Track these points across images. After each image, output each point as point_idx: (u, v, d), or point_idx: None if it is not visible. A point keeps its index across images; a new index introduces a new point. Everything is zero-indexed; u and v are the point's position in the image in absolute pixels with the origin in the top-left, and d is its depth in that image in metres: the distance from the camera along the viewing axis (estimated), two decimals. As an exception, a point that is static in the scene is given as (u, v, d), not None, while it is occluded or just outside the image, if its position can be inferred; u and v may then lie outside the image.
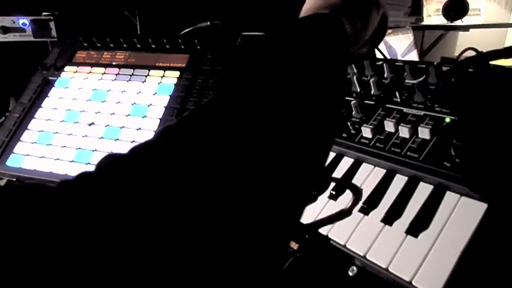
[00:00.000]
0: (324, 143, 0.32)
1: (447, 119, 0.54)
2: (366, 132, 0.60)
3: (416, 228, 0.47)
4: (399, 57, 1.57)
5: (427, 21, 1.71)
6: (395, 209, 0.51)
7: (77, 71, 0.91)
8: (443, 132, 0.53)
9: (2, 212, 0.20)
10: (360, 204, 0.53)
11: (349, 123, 0.62)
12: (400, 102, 0.60)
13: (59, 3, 1.04)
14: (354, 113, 0.64)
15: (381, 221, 0.50)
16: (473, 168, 0.48)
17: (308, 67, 0.32)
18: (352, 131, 0.62)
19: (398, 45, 1.56)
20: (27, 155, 0.78)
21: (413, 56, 1.56)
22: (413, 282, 0.43)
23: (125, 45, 0.92)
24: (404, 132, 0.56)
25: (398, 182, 0.54)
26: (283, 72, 0.31)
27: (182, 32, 1.00)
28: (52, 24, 1.01)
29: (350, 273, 0.49)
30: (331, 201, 0.56)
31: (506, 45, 0.78)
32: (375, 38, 0.50)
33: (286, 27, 0.36)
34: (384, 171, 0.56)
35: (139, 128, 0.77)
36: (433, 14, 1.69)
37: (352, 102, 0.63)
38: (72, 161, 0.76)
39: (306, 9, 0.42)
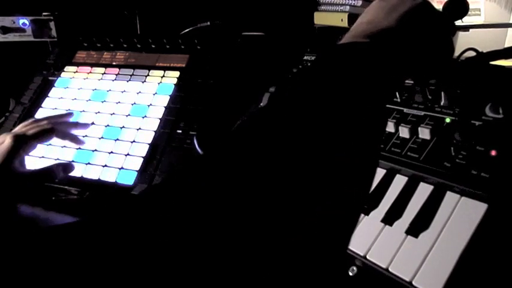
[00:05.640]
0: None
1: (447, 119, 0.54)
2: (366, 132, 0.60)
3: (416, 228, 0.47)
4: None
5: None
6: (396, 209, 0.51)
7: (77, 71, 0.91)
8: (443, 132, 0.53)
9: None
10: (360, 204, 0.53)
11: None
12: (400, 103, 0.60)
13: (59, 3, 1.04)
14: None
15: (381, 221, 0.50)
16: (473, 168, 0.48)
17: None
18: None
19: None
20: (27, 155, 0.78)
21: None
22: (413, 282, 0.43)
23: (125, 45, 0.92)
24: (404, 132, 0.56)
25: (399, 182, 0.54)
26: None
27: (182, 32, 1.00)
28: (52, 24, 1.01)
29: (350, 273, 0.49)
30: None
31: (506, 45, 0.78)
32: (433, 61, 0.43)
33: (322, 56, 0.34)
34: (384, 171, 0.56)
35: (139, 128, 0.77)
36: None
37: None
38: (72, 161, 0.76)
39: (350, 33, 0.38)
